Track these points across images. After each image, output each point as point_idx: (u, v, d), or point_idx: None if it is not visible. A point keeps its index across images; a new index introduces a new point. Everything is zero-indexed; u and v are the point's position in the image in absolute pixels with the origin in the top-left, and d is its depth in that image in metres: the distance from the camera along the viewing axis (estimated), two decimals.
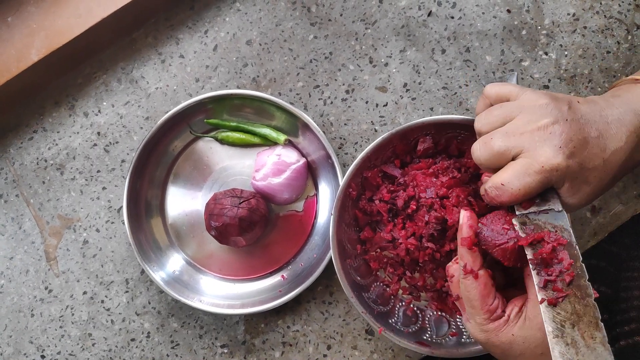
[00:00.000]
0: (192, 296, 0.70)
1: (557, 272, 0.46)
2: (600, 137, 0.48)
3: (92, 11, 0.71)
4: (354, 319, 0.72)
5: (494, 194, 0.49)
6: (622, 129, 0.49)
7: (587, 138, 0.48)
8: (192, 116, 0.73)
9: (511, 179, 0.47)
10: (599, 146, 0.48)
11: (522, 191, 0.47)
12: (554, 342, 0.44)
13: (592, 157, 0.48)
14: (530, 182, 0.47)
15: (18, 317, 0.75)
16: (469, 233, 0.50)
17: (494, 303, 0.48)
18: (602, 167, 0.48)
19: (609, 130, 0.49)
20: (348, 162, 0.74)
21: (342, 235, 0.66)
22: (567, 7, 0.73)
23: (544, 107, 0.48)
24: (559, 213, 0.49)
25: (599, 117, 0.49)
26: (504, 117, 0.50)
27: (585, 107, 0.49)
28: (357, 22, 0.74)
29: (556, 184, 0.48)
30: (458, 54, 0.73)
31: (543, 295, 0.46)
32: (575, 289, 0.45)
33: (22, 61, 0.71)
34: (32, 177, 0.77)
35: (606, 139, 0.48)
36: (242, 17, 0.76)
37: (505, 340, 0.48)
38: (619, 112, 0.50)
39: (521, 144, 0.48)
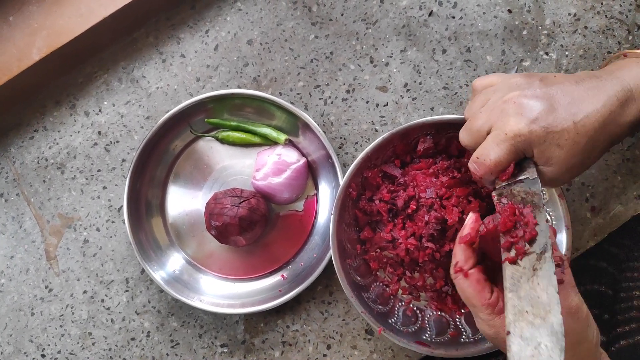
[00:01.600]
0: (192, 295, 0.71)
1: (521, 234, 0.47)
2: (572, 102, 0.49)
3: (93, 11, 0.71)
4: (354, 318, 0.72)
5: (473, 169, 0.51)
6: (599, 93, 0.49)
7: (554, 104, 0.48)
8: (193, 116, 0.73)
9: (483, 151, 0.50)
10: (570, 111, 0.48)
11: (493, 161, 0.49)
12: (509, 296, 0.45)
13: (560, 120, 0.48)
14: (499, 151, 0.49)
15: (18, 315, 0.75)
16: (469, 231, 0.50)
17: (493, 297, 0.48)
18: (572, 129, 0.48)
19: (584, 96, 0.49)
20: (348, 161, 0.74)
21: (342, 235, 0.66)
22: (568, 7, 0.73)
23: (514, 83, 0.51)
24: (533, 180, 0.49)
25: (575, 86, 0.50)
26: (483, 100, 0.53)
27: (561, 78, 0.51)
28: (358, 22, 0.75)
29: (525, 151, 0.49)
30: (459, 54, 0.73)
31: (506, 255, 0.46)
32: (536, 247, 0.46)
33: (23, 60, 0.71)
34: (32, 176, 0.77)
35: (580, 103, 0.49)
36: (243, 17, 0.76)
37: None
38: (598, 80, 0.50)
39: (491, 118, 0.50)
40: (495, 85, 0.53)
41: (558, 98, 0.49)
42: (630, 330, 0.58)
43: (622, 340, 0.58)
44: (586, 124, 0.48)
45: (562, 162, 0.49)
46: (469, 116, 0.54)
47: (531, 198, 0.49)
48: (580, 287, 0.67)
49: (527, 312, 0.43)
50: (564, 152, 0.49)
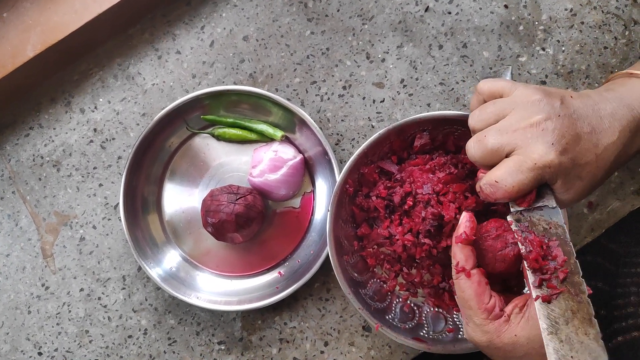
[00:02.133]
0: (189, 293, 0.70)
1: (551, 270, 0.46)
2: (592, 132, 0.48)
3: (88, 7, 0.71)
4: (351, 315, 0.72)
5: (488, 191, 0.49)
6: (614, 123, 0.49)
7: (579, 134, 0.48)
8: (189, 112, 0.73)
9: (505, 176, 0.47)
10: (592, 141, 0.48)
11: (515, 188, 0.47)
12: (549, 338, 0.44)
13: (584, 152, 0.48)
14: (524, 179, 0.47)
15: (15, 314, 0.75)
16: (465, 230, 0.50)
17: (491, 301, 0.48)
18: (594, 162, 0.48)
19: (601, 125, 0.49)
20: (345, 158, 0.74)
21: (339, 231, 0.65)
22: (565, 2, 0.73)
23: (536, 103, 0.48)
24: (553, 209, 0.49)
25: (591, 112, 0.49)
26: (497, 114, 0.50)
27: (578, 102, 0.49)
28: (354, 18, 0.74)
29: (549, 181, 0.48)
30: (455, 49, 0.73)
31: (538, 293, 0.46)
32: (569, 285, 0.46)
33: (17, 57, 0.71)
34: (28, 173, 0.77)
35: (599, 134, 0.48)
36: (238, 13, 0.76)
37: (507, 341, 0.47)
38: (612, 106, 0.50)
39: (514, 141, 0.48)
40: (510, 97, 0.51)
41: (581, 125, 0.48)
42: (627, 326, 0.59)
43: (619, 336, 0.58)
44: (605, 157, 0.48)
45: (579, 191, 0.49)
46: (478, 127, 0.51)
47: (555, 230, 0.48)
48: None
49: (572, 357, 0.43)
50: (584, 183, 0.49)
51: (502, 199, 0.49)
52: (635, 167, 0.70)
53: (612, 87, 0.54)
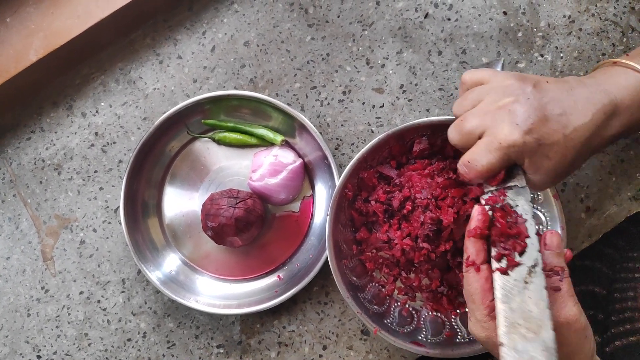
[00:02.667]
0: (188, 296, 0.71)
1: (512, 245, 0.48)
2: (563, 114, 0.49)
3: (90, 12, 0.71)
4: (350, 319, 0.72)
5: (463, 171, 0.51)
6: (588, 106, 0.50)
7: (547, 115, 0.49)
8: (190, 117, 0.73)
9: (475, 156, 0.50)
10: (561, 123, 0.49)
11: (485, 167, 0.49)
12: (501, 307, 0.46)
13: (551, 133, 0.49)
14: (492, 158, 0.49)
15: (14, 317, 0.75)
16: (477, 224, 0.50)
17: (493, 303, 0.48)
18: (562, 142, 0.49)
19: (574, 108, 0.50)
20: (344, 162, 0.74)
21: (338, 235, 0.66)
22: (563, 9, 0.73)
23: (508, 87, 0.51)
24: (522, 189, 0.50)
25: (565, 95, 0.50)
26: (475, 99, 0.52)
27: (553, 86, 0.51)
28: (354, 24, 0.75)
29: (517, 160, 0.50)
30: (454, 55, 0.74)
31: (497, 266, 0.47)
32: (526, 259, 0.47)
33: (20, 62, 0.72)
34: (29, 177, 0.77)
35: (570, 115, 0.49)
36: (239, 19, 0.76)
37: None
38: (588, 90, 0.51)
39: (485, 122, 0.50)
40: (487, 84, 0.53)
41: (550, 108, 0.49)
42: (624, 331, 0.59)
43: (617, 341, 0.58)
44: (574, 137, 0.49)
45: (549, 171, 0.50)
46: (458, 113, 0.53)
47: (522, 208, 0.50)
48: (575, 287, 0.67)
49: (519, 324, 0.44)
50: (552, 162, 0.50)
51: (475, 178, 0.51)
52: (633, 173, 0.71)
53: (594, 74, 0.55)
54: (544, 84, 0.51)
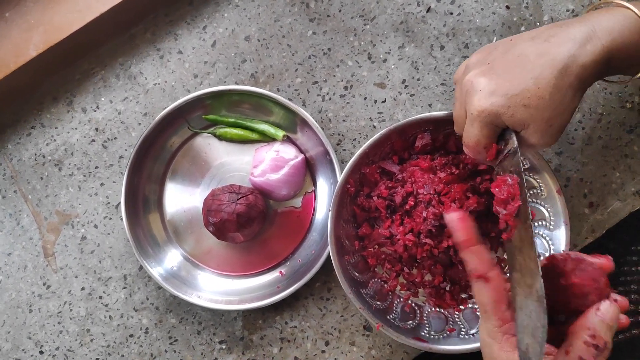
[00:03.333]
0: (190, 292, 0.70)
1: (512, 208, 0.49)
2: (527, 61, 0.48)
3: (90, 6, 0.71)
4: (352, 315, 0.72)
5: (466, 152, 0.54)
6: (556, 42, 0.48)
7: (508, 71, 0.49)
8: (191, 112, 0.73)
9: (465, 134, 0.53)
10: (526, 69, 0.48)
11: (473, 141, 0.51)
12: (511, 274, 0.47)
13: (518, 82, 0.48)
14: (474, 131, 0.51)
15: (16, 313, 0.75)
16: (464, 237, 0.46)
17: (508, 312, 0.44)
18: (532, 85, 0.47)
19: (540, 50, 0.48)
20: (346, 158, 0.74)
21: (340, 231, 0.66)
22: (566, 3, 0.73)
23: (472, 63, 0.53)
24: (515, 150, 0.50)
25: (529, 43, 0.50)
26: (457, 89, 0.55)
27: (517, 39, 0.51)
28: (356, 18, 0.74)
29: (498, 124, 0.50)
30: (457, 50, 0.73)
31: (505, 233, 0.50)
32: (521, 216, 0.48)
33: (20, 57, 0.71)
34: (30, 173, 0.77)
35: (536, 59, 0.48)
36: (240, 13, 0.76)
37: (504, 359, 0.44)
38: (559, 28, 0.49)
39: (462, 103, 0.52)
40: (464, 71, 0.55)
41: (513, 62, 0.49)
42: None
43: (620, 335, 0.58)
44: (544, 74, 0.47)
45: (537, 119, 0.48)
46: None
47: (515, 169, 0.50)
48: None
49: (524, 282, 0.45)
50: (533, 109, 0.48)
51: (474, 155, 0.53)
52: (637, 168, 0.70)
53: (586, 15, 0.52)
54: (507, 42, 0.51)
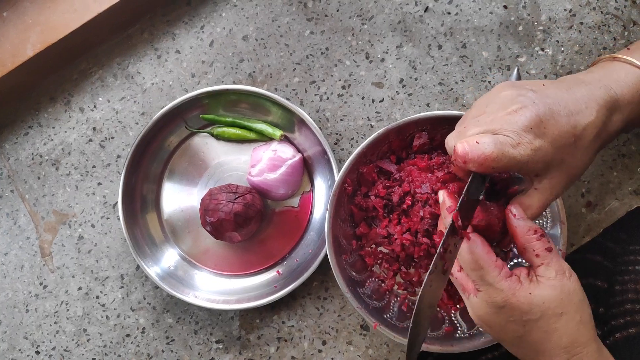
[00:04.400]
0: (187, 292, 0.70)
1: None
2: (570, 114, 0.48)
3: (88, 6, 0.71)
4: (349, 314, 0.72)
5: (463, 151, 0.47)
6: (591, 104, 0.49)
7: (556, 118, 0.48)
8: (188, 112, 0.73)
9: (487, 140, 0.47)
10: (570, 123, 0.48)
11: (493, 154, 0.46)
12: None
13: (563, 134, 0.48)
14: (503, 151, 0.46)
15: (13, 312, 0.75)
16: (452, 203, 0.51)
17: (499, 260, 0.48)
18: (574, 143, 0.48)
19: (578, 106, 0.49)
20: (344, 157, 0.74)
21: (337, 230, 0.65)
22: (564, 3, 0.73)
23: (509, 96, 0.49)
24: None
25: (567, 95, 0.49)
26: (475, 114, 0.50)
27: (552, 88, 0.50)
28: (354, 18, 0.74)
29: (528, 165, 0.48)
30: (454, 49, 0.73)
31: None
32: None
33: (17, 56, 0.71)
34: (27, 172, 0.77)
35: (577, 114, 0.49)
36: (238, 13, 0.76)
37: (523, 300, 0.47)
38: (587, 88, 0.50)
39: (492, 126, 0.48)
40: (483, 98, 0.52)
41: (557, 109, 0.48)
42: (625, 323, 0.59)
43: (617, 333, 0.58)
44: (584, 136, 0.49)
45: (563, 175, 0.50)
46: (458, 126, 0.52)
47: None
48: None
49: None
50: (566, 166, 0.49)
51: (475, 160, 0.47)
52: (634, 167, 0.70)
53: (592, 69, 0.55)
54: (542, 87, 0.50)
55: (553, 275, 0.48)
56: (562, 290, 0.47)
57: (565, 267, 0.49)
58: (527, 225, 0.49)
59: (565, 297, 0.47)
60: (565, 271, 0.48)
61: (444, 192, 0.52)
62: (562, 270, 0.48)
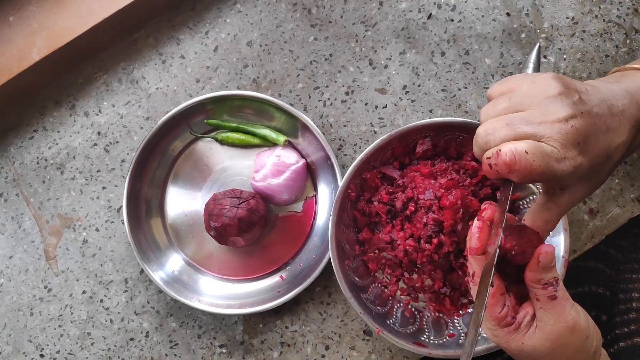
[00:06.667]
0: (191, 296, 0.71)
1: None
2: (608, 131, 0.47)
3: (93, 11, 0.71)
4: (352, 319, 0.72)
5: (509, 158, 0.44)
6: (624, 122, 0.48)
7: (598, 134, 0.46)
8: (193, 117, 0.73)
9: (536, 152, 0.44)
10: (606, 141, 0.47)
11: (540, 168, 0.44)
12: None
13: (601, 154, 0.47)
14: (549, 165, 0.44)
15: (17, 316, 0.75)
16: (477, 244, 0.48)
17: (503, 311, 0.48)
18: (605, 161, 0.48)
19: (614, 124, 0.48)
20: (347, 163, 0.74)
21: (340, 236, 0.66)
22: (567, 10, 0.73)
23: (557, 98, 0.45)
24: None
25: (606, 109, 0.47)
26: (513, 108, 0.46)
27: (594, 97, 0.47)
28: (358, 24, 0.75)
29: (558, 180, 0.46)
30: (457, 56, 0.74)
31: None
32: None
33: (23, 61, 0.72)
34: (32, 176, 0.77)
35: (612, 132, 0.47)
36: (242, 19, 0.76)
37: (514, 347, 0.48)
38: (622, 103, 0.49)
39: (542, 132, 0.44)
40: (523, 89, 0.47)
41: (600, 125, 0.46)
42: (629, 332, 0.59)
43: (621, 342, 0.58)
44: (615, 155, 0.48)
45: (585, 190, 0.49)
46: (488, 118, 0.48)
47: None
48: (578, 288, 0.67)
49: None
50: (592, 182, 0.49)
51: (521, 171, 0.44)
52: (636, 175, 0.71)
53: (621, 79, 0.52)
54: (586, 94, 0.47)
55: (551, 322, 0.47)
56: (556, 341, 0.47)
57: (569, 319, 0.47)
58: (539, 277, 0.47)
59: (557, 348, 0.47)
60: (567, 322, 0.47)
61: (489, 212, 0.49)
62: (565, 320, 0.47)
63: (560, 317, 0.47)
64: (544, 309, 0.47)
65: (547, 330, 0.47)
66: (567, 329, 0.47)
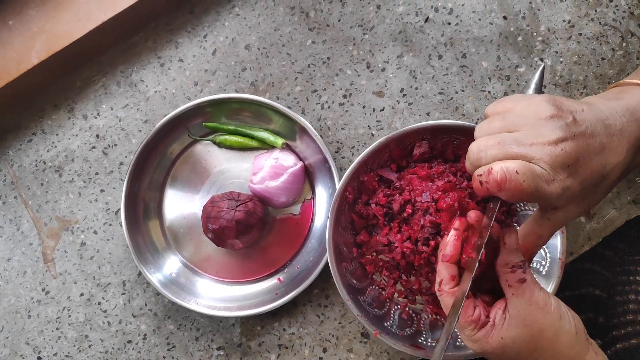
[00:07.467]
0: (188, 298, 0.71)
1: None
2: (603, 151, 0.47)
3: (92, 15, 0.72)
4: (350, 322, 0.72)
5: (500, 177, 0.44)
6: (622, 141, 0.48)
7: (591, 156, 0.46)
8: (191, 119, 0.74)
9: (526, 172, 0.44)
10: (601, 162, 0.47)
11: (529, 189, 0.44)
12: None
13: (594, 175, 0.47)
14: (538, 186, 0.45)
15: (15, 318, 0.75)
16: (452, 251, 0.50)
17: (475, 313, 0.49)
18: (599, 183, 0.48)
19: (611, 143, 0.47)
20: (345, 166, 0.74)
21: (338, 238, 0.66)
22: (563, 14, 0.74)
23: (549, 121, 0.46)
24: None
25: (602, 129, 0.47)
26: (506, 128, 0.47)
27: (590, 117, 0.47)
28: (355, 28, 0.75)
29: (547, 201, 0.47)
30: (454, 59, 0.74)
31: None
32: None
33: (22, 64, 0.72)
34: (30, 179, 0.77)
35: (608, 152, 0.47)
36: (241, 22, 0.77)
37: (496, 344, 0.48)
38: (621, 122, 0.48)
39: (533, 153, 0.45)
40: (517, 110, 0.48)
41: (592, 145, 0.47)
42: (626, 334, 0.59)
43: (619, 344, 0.58)
44: (610, 175, 0.48)
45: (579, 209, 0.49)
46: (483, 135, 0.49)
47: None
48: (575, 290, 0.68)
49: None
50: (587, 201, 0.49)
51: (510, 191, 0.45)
52: (633, 177, 0.71)
53: (620, 96, 0.52)
54: (581, 114, 0.47)
55: (523, 306, 0.48)
56: (531, 325, 0.47)
57: (539, 299, 0.48)
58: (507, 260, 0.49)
59: (536, 333, 0.47)
60: (539, 302, 0.48)
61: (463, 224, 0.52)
62: (535, 302, 0.48)
63: (531, 299, 0.48)
64: (516, 294, 0.48)
65: (521, 315, 0.48)
66: (539, 310, 0.47)
